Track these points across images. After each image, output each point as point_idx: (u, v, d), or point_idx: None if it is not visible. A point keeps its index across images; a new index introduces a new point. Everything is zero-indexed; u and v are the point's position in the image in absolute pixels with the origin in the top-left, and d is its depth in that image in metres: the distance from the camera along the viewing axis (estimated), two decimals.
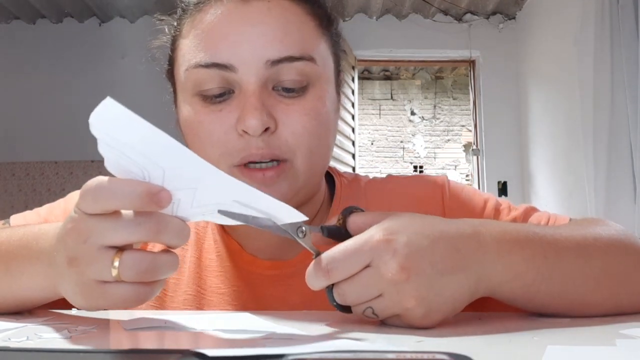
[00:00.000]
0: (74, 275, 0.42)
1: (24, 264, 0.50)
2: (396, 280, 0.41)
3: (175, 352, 0.31)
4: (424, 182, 0.69)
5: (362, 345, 0.37)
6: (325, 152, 0.60)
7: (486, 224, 0.48)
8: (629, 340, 0.38)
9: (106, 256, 0.40)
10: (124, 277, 0.40)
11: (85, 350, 0.33)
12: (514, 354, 0.35)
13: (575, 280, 0.49)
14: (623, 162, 2.29)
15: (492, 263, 0.45)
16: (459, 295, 0.43)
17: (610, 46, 2.34)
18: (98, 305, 0.43)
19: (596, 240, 0.52)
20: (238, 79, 0.55)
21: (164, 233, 0.40)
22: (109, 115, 0.37)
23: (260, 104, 0.54)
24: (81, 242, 0.40)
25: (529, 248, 0.47)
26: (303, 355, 0.29)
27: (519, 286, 0.47)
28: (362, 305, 0.43)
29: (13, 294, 0.52)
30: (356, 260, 0.42)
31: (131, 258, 0.40)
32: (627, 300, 0.52)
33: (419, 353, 0.29)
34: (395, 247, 0.41)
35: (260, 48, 0.54)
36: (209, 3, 0.57)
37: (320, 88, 0.58)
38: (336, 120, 0.63)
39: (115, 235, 0.40)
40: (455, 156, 6.85)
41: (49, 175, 3.58)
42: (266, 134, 0.54)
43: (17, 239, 0.52)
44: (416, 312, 0.42)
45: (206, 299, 0.64)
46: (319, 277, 0.43)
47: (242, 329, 0.45)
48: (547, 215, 0.64)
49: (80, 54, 3.64)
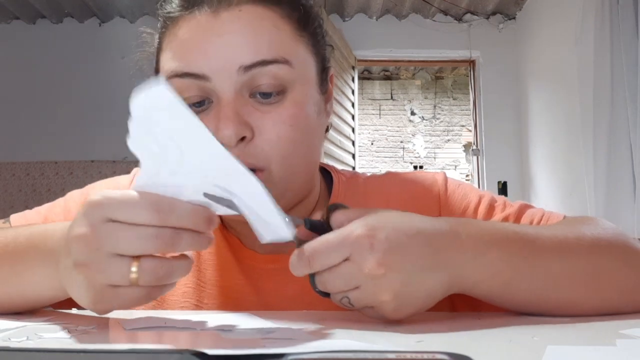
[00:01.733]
0: (82, 279, 0.42)
1: (32, 264, 0.51)
2: (373, 274, 0.43)
3: (175, 352, 0.31)
4: (421, 179, 0.70)
5: (362, 345, 0.37)
6: (307, 156, 0.60)
7: (465, 223, 0.49)
8: (629, 340, 0.38)
9: (123, 263, 0.41)
10: (142, 282, 0.42)
11: (85, 350, 0.33)
12: (514, 354, 0.35)
13: (556, 280, 0.49)
14: (623, 162, 2.29)
15: (468, 262, 0.46)
16: (432, 291, 0.45)
17: (610, 46, 2.34)
18: (107, 308, 0.45)
19: (579, 239, 0.52)
20: (213, 87, 0.55)
21: (177, 246, 0.42)
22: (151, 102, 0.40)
23: (234, 113, 0.54)
24: (93, 249, 0.41)
25: (507, 247, 0.48)
26: (303, 355, 0.29)
27: (496, 285, 0.48)
28: (340, 294, 0.45)
29: (20, 293, 0.52)
30: (337, 252, 0.44)
31: (150, 265, 0.42)
32: (615, 300, 0.52)
33: (419, 353, 0.29)
34: (374, 243, 0.43)
35: (232, 55, 0.55)
36: (183, 18, 0.58)
37: (299, 92, 0.58)
38: (321, 121, 0.63)
39: (132, 246, 0.41)
40: (455, 156, 6.84)
41: (49, 175, 3.58)
42: (243, 143, 0.54)
43: (25, 239, 0.52)
44: (390, 306, 0.44)
45: (206, 292, 0.65)
46: (301, 266, 0.45)
47: (242, 329, 0.45)
48: (540, 212, 0.64)
49: (80, 54, 3.64)
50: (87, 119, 3.57)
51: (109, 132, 3.56)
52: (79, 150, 3.54)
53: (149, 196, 0.42)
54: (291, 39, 0.58)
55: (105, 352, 0.33)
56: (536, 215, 0.64)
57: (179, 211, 0.42)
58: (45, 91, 3.61)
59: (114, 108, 3.53)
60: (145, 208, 0.41)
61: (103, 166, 3.53)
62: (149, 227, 0.41)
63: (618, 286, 0.52)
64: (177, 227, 0.42)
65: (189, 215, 0.42)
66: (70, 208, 0.69)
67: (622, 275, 0.52)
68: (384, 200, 0.68)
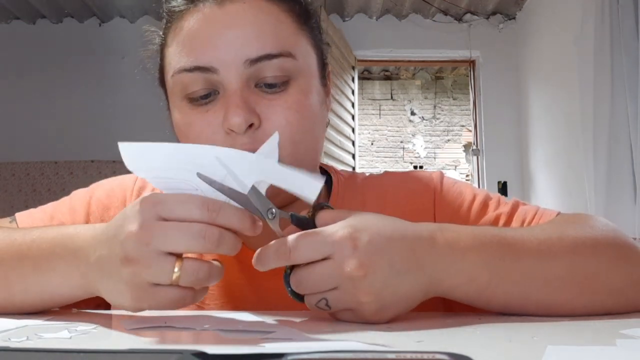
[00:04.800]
0: (127, 275, 0.43)
1: (56, 262, 0.51)
2: (354, 275, 0.43)
3: (175, 352, 0.31)
4: (418, 177, 0.70)
5: (362, 345, 0.37)
6: (313, 144, 0.61)
7: (444, 229, 0.49)
8: (629, 340, 0.38)
9: (168, 261, 0.43)
10: (183, 282, 0.43)
11: (85, 350, 0.33)
12: (514, 354, 0.35)
13: (536, 281, 0.49)
14: (623, 162, 2.28)
15: (445, 267, 0.47)
16: (411, 294, 0.46)
17: (610, 46, 2.34)
18: (144, 306, 0.46)
19: (561, 239, 0.52)
20: (220, 79, 0.56)
21: (221, 246, 0.44)
22: (132, 154, 0.45)
23: (242, 101, 0.55)
24: (143, 245, 0.43)
25: (485, 251, 0.49)
26: (303, 355, 0.29)
27: (473, 289, 0.49)
28: (317, 296, 0.45)
29: (39, 292, 0.52)
30: (318, 249, 0.44)
31: (192, 266, 0.43)
32: (603, 300, 0.51)
33: (419, 353, 0.29)
34: (357, 244, 0.44)
35: (239, 48, 0.56)
36: (188, 11, 0.59)
37: (303, 82, 0.59)
38: (323, 113, 0.64)
39: (180, 243, 0.43)
40: (455, 156, 6.84)
41: (49, 175, 3.57)
42: (251, 130, 0.55)
43: (51, 238, 0.53)
44: (370, 307, 0.44)
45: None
46: (279, 255, 0.45)
47: (242, 329, 0.45)
48: (533, 210, 0.64)
49: (80, 54, 3.64)
50: (87, 119, 3.57)
51: (109, 132, 3.57)
52: (79, 150, 3.53)
53: (199, 197, 0.44)
54: (293, 33, 0.59)
55: (105, 352, 0.33)
56: (529, 213, 0.64)
57: (227, 211, 0.44)
58: (45, 91, 3.61)
59: (114, 108, 3.55)
60: (196, 206, 0.43)
61: (103, 166, 3.52)
62: (197, 224, 0.43)
63: (606, 286, 0.51)
64: (224, 226, 0.44)
65: (236, 215, 0.44)
66: (76, 207, 0.70)
67: (609, 274, 0.52)
68: (381, 199, 0.68)
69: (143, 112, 2.50)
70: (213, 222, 0.43)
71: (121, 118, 3.49)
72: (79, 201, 0.70)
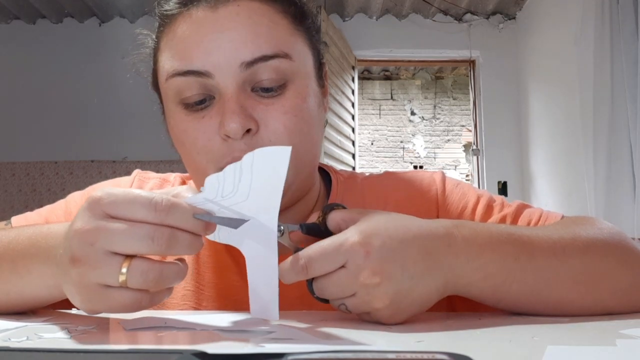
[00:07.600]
0: (76, 275, 0.42)
1: (32, 263, 0.50)
2: (367, 283, 0.43)
3: (175, 352, 0.31)
4: (419, 178, 0.70)
5: (362, 345, 0.37)
6: (311, 147, 0.60)
7: (460, 226, 0.49)
8: (629, 340, 0.38)
9: (113, 261, 0.40)
10: (131, 284, 0.41)
11: (85, 350, 0.33)
12: (514, 354, 0.35)
13: (549, 280, 0.49)
14: (623, 162, 2.29)
15: (462, 265, 0.47)
16: (426, 296, 0.46)
17: (610, 46, 2.34)
18: (96, 309, 0.44)
19: (574, 240, 0.52)
20: (215, 84, 0.55)
21: (174, 249, 0.41)
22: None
23: (238, 107, 0.54)
24: (88, 244, 0.40)
25: (500, 250, 0.48)
26: (303, 355, 0.29)
27: (488, 286, 0.48)
28: (338, 301, 0.46)
29: (19, 292, 0.52)
30: (332, 260, 0.44)
31: (140, 266, 0.41)
32: (610, 300, 0.52)
33: (419, 353, 0.29)
34: (369, 251, 0.43)
35: (233, 52, 0.55)
36: (181, 15, 0.58)
37: (300, 84, 0.58)
38: (321, 114, 0.63)
39: (126, 244, 0.40)
40: (455, 156, 6.84)
41: (49, 175, 3.57)
42: (248, 135, 0.54)
43: (26, 238, 0.52)
44: (384, 313, 0.45)
45: (204, 294, 0.65)
46: (296, 272, 0.45)
47: (242, 329, 0.45)
48: (538, 212, 0.64)
49: (80, 54, 3.64)
50: (87, 119, 3.57)
51: (109, 132, 3.58)
52: (79, 150, 3.54)
53: (149, 194, 0.41)
54: (289, 33, 0.59)
55: (105, 352, 0.33)
56: (534, 215, 0.64)
57: (178, 211, 0.41)
58: (45, 91, 3.61)
59: (114, 108, 3.55)
60: (143, 205, 0.40)
61: (103, 166, 3.53)
62: (145, 225, 0.40)
63: (612, 287, 0.52)
64: (174, 227, 0.41)
65: (187, 215, 0.42)
66: (71, 209, 0.69)
67: (616, 275, 0.52)
68: (381, 201, 0.68)
69: (143, 112, 2.50)
70: (161, 223, 0.41)
71: (121, 118, 3.50)
72: (74, 203, 0.70)
